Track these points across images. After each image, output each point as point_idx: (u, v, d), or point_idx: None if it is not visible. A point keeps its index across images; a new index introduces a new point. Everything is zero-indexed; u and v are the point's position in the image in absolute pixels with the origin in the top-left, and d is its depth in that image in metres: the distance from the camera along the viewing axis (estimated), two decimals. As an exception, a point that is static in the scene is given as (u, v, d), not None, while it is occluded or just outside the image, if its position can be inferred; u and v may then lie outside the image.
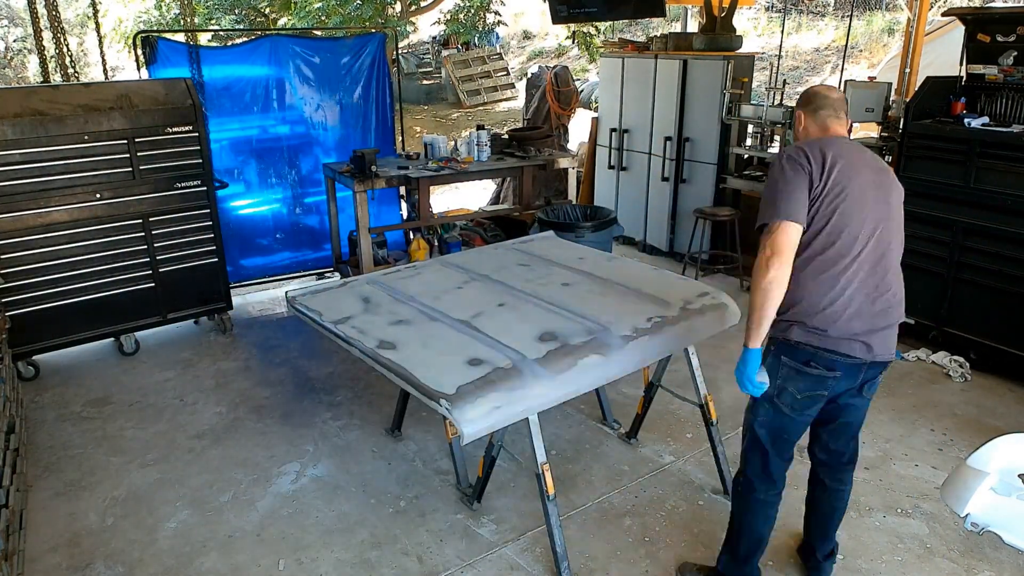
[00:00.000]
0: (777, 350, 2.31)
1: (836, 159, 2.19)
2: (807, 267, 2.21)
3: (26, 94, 4.18)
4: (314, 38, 6.49)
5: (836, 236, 2.18)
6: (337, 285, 3.54)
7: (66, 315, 4.37)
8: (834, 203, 2.17)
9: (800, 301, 2.22)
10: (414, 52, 19.61)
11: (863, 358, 2.24)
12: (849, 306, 2.20)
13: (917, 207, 4.46)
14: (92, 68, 16.03)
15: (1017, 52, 4.27)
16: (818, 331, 2.21)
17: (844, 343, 2.22)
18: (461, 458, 3.30)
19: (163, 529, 3.09)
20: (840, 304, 2.20)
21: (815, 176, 2.17)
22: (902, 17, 12.40)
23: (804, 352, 2.25)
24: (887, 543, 2.95)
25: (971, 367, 4.31)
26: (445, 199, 9.56)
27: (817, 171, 2.18)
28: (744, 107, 5.59)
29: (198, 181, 4.62)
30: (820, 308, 2.20)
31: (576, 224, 4.85)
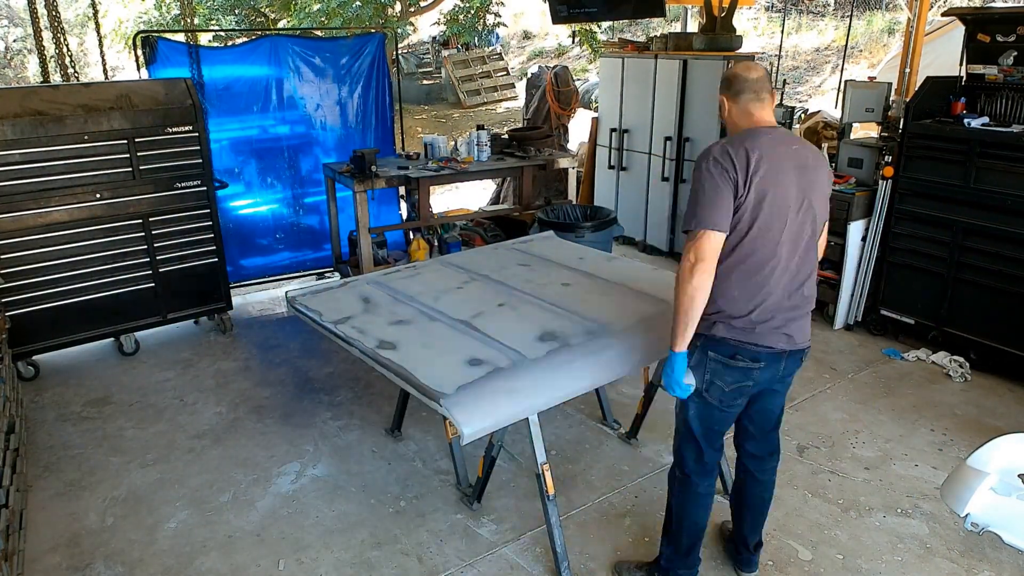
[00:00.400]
0: (703, 346, 2.35)
1: (760, 162, 2.17)
2: (732, 272, 2.25)
3: (26, 94, 4.18)
4: (314, 38, 6.49)
5: (760, 242, 2.21)
6: (337, 285, 3.54)
7: (66, 315, 4.36)
8: (758, 209, 2.18)
9: (725, 303, 2.27)
10: (414, 52, 19.61)
11: (785, 348, 2.32)
12: (772, 306, 2.27)
13: (917, 207, 4.48)
14: (92, 68, 16.03)
15: (1017, 52, 4.27)
16: (743, 328, 2.28)
17: (767, 336, 2.29)
18: (461, 458, 3.30)
19: (163, 529, 3.09)
20: (764, 306, 2.26)
21: (740, 183, 2.17)
22: (902, 17, 12.40)
23: (729, 346, 2.31)
24: (887, 543, 2.95)
25: (971, 367, 4.31)
26: (445, 199, 9.57)
27: (742, 177, 2.16)
28: (744, 107, 5.58)
29: (198, 181, 4.62)
30: (745, 311, 2.26)
31: (576, 224, 4.85)
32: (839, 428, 3.79)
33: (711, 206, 2.17)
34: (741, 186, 2.16)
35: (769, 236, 2.21)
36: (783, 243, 2.24)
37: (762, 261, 2.23)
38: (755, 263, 2.23)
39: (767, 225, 2.20)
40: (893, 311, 4.71)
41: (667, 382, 2.36)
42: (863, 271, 4.77)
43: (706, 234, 2.17)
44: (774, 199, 2.19)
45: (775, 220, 2.20)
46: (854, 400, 4.06)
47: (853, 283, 4.84)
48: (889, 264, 4.67)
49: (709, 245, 2.17)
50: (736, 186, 2.17)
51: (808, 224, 2.29)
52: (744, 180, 2.16)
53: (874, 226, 4.67)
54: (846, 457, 3.53)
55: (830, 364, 4.49)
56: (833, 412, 3.94)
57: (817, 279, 2.45)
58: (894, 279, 4.67)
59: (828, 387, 4.21)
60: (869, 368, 4.44)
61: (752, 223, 2.19)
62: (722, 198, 2.17)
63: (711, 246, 2.18)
